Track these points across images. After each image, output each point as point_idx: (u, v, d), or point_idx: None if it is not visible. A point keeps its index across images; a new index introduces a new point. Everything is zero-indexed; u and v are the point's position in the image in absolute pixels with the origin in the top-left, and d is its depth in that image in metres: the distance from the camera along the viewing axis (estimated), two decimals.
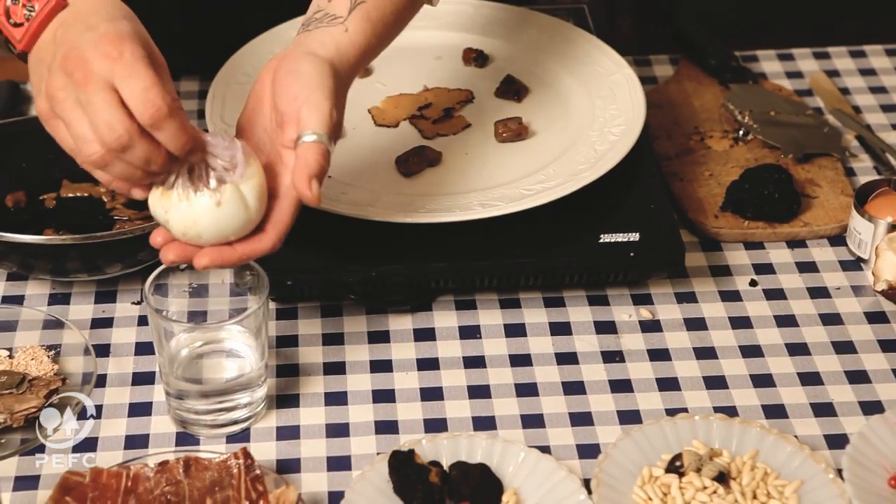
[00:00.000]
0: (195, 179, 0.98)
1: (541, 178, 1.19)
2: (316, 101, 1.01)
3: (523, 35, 1.36)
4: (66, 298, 1.18)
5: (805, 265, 1.21)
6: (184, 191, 0.97)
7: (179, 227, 0.98)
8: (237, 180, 0.98)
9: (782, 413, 1.08)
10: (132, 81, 0.93)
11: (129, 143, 0.93)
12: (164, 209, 0.98)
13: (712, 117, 1.37)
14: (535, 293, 1.18)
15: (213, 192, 0.97)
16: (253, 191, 0.99)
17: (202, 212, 0.98)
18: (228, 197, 0.98)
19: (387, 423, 1.07)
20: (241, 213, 0.99)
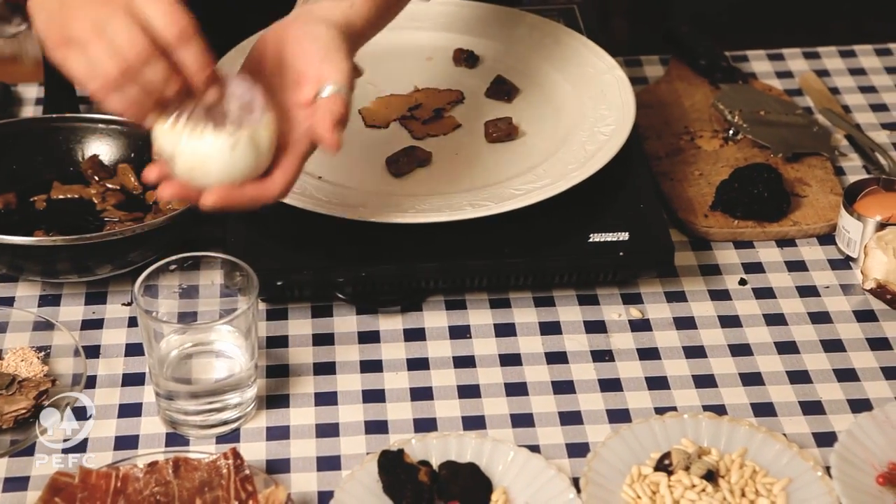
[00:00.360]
0: (213, 118, 0.95)
1: (531, 178, 1.19)
2: (335, 59, 1.02)
3: (514, 35, 1.36)
4: (56, 300, 1.18)
5: (794, 264, 1.22)
6: (197, 128, 0.95)
7: (186, 166, 0.95)
8: (255, 125, 0.96)
9: (771, 411, 1.08)
10: (155, 2, 0.92)
11: (148, 60, 0.92)
12: (171, 144, 0.95)
13: (702, 117, 1.37)
14: (525, 293, 1.19)
15: (229, 135, 0.95)
16: (266, 139, 0.97)
17: (215, 153, 0.95)
18: (244, 141, 0.96)
19: (376, 423, 1.07)
20: (252, 159, 0.97)
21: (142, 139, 1.27)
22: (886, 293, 1.15)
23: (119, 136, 1.28)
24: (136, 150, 1.27)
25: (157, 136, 0.97)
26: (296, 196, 1.16)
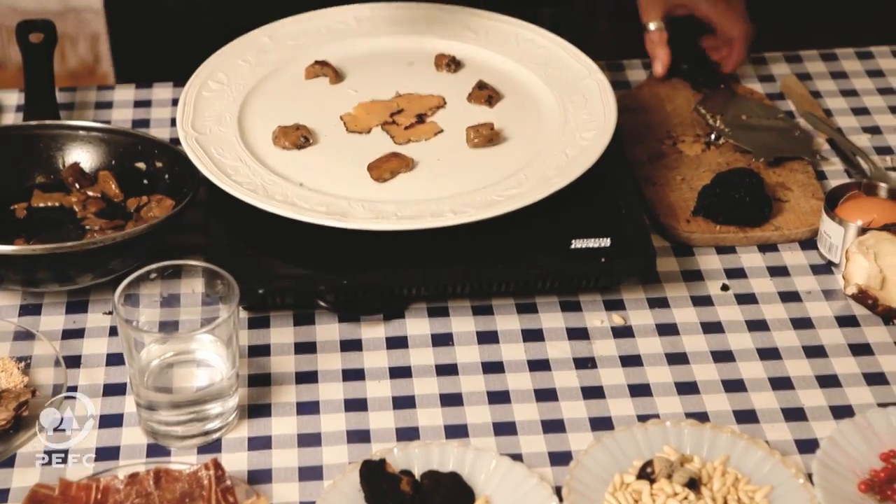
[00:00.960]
0: None
1: (512, 184, 1.19)
2: None
3: (495, 40, 1.36)
4: (36, 309, 1.17)
5: (776, 269, 1.22)
6: None
7: None
8: None
9: (753, 418, 1.08)
10: None
11: None
12: None
13: (684, 122, 1.37)
14: (507, 299, 1.18)
15: None
16: None
17: None
18: None
19: (359, 433, 1.07)
20: None
21: (122, 147, 1.27)
22: (868, 298, 1.15)
23: (100, 143, 1.27)
24: (116, 158, 1.27)
25: None
26: (277, 203, 1.15)
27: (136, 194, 1.25)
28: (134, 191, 1.25)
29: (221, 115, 1.26)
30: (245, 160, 1.21)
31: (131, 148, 1.27)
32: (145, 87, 1.45)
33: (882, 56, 1.50)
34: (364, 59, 1.35)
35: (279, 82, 1.32)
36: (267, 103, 1.29)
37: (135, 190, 1.25)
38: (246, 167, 1.20)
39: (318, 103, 1.29)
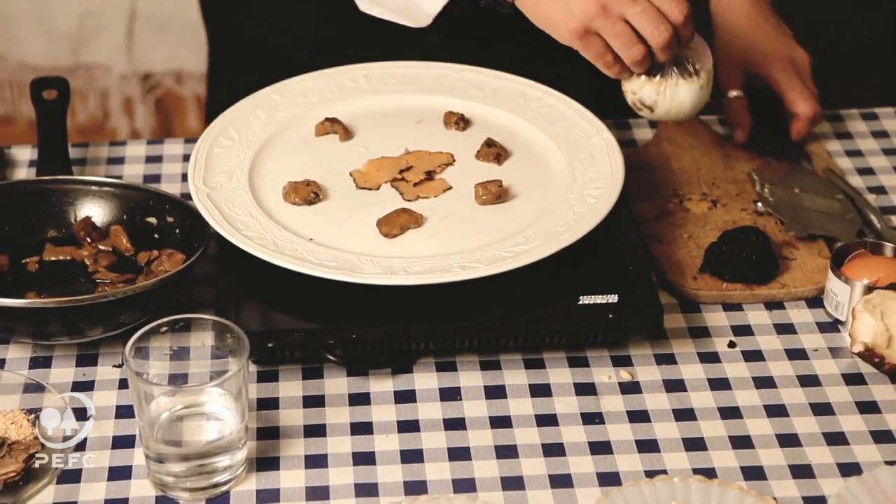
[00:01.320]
0: (681, 69, 1.23)
1: (521, 241, 1.20)
2: None
3: (503, 98, 1.38)
4: (47, 361, 1.18)
5: (783, 327, 1.22)
6: (671, 79, 1.23)
7: (664, 109, 1.24)
8: (709, 67, 1.25)
9: (761, 475, 1.08)
10: None
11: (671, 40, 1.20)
12: (652, 94, 1.24)
13: (691, 180, 1.39)
14: (515, 354, 1.19)
15: (696, 79, 1.24)
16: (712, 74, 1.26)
17: (689, 96, 1.24)
18: (705, 80, 1.25)
19: (367, 486, 1.07)
20: (709, 92, 1.26)
21: (134, 201, 1.28)
22: (874, 356, 1.15)
23: (111, 198, 1.28)
24: (128, 213, 1.28)
25: (632, 88, 1.25)
26: (287, 258, 1.16)
27: (146, 248, 1.26)
28: (145, 245, 1.26)
29: (232, 170, 1.28)
30: (255, 215, 1.22)
31: (142, 203, 1.28)
32: (157, 142, 1.47)
33: (886, 117, 1.51)
34: (373, 117, 1.37)
35: (289, 139, 1.33)
36: (277, 159, 1.31)
37: (146, 244, 1.26)
38: (256, 222, 1.22)
39: (327, 160, 1.31)
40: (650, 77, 1.24)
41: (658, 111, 1.25)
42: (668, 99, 1.24)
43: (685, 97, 1.24)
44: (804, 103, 1.41)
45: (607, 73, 1.24)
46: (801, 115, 1.40)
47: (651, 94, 1.24)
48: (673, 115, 1.25)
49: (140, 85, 2.67)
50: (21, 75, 2.64)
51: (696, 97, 1.25)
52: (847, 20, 2.61)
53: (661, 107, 1.25)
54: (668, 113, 1.25)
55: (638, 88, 1.25)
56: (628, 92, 1.26)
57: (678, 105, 1.24)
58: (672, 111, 1.25)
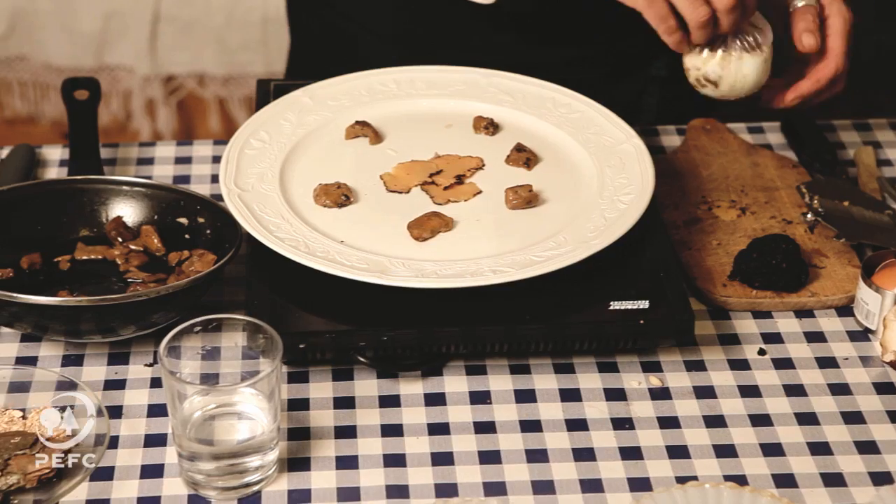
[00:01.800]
0: (744, 42, 1.26)
1: (551, 245, 1.20)
2: None
3: (533, 104, 1.38)
4: (79, 360, 1.18)
5: (813, 335, 1.22)
6: (734, 53, 1.25)
7: (728, 83, 1.26)
8: (769, 41, 1.26)
9: (792, 483, 1.08)
10: None
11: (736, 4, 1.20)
12: (716, 68, 1.26)
13: (719, 187, 1.39)
14: (545, 359, 1.19)
15: (759, 53, 1.26)
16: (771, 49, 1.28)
17: (753, 69, 1.26)
18: (767, 55, 1.26)
19: (398, 488, 1.07)
20: (770, 66, 1.27)
21: (165, 202, 1.29)
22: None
23: (143, 198, 1.29)
24: (159, 213, 1.28)
25: (699, 64, 1.27)
26: (319, 259, 1.17)
27: (177, 248, 1.26)
28: (175, 245, 1.27)
29: (264, 172, 1.28)
30: (287, 217, 1.23)
31: (174, 203, 1.28)
32: (186, 144, 1.48)
33: None
34: (403, 121, 1.37)
35: (320, 141, 1.34)
36: (308, 162, 1.31)
37: (176, 244, 1.27)
38: (288, 224, 1.22)
39: (358, 163, 1.31)
40: (713, 51, 1.25)
41: (722, 86, 1.27)
42: (734, 73, 1.25)
43: (750, 70, 1.26)
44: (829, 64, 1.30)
45: (668, 41, 1.24)
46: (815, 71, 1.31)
47: (716, 68, 1.26)
48: (737, 89, 1.27)
49: (163, 87, 2.67)
50: (45, 76, 2.66)
51: (761, 70, 1.27)
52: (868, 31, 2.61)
53: (726, 81, 1.26)
54: (732, 88, 1.27)
55: (702, 63, 1.26)
56: (691, 69, 1.27)
57: (743, 78, 1.26)
58: (737, 85, 1.26)
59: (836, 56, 1.32)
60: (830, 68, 1.31)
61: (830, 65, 1.31)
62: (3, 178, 1.36)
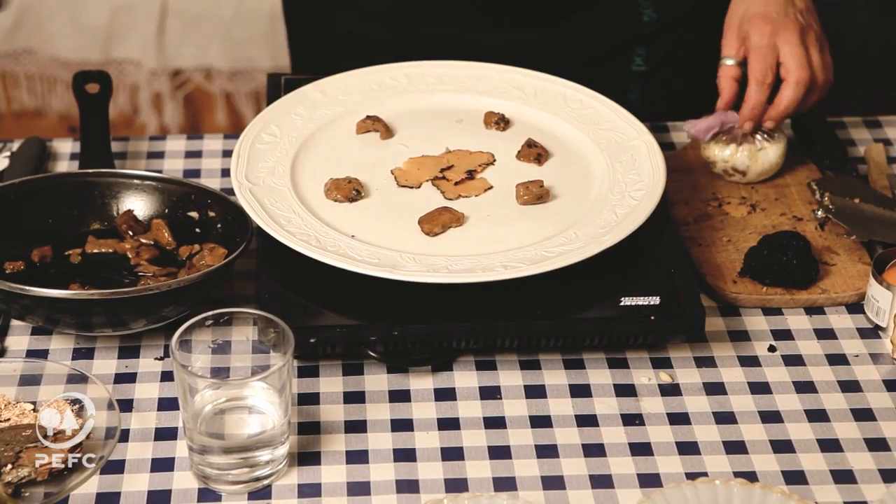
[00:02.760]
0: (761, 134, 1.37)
1: (562, 241, 1.20)
2: None
3: (544, 100, 1.38)
4: (89, 353, 1.19)
5: (823, 332, 1.22)
6: (760, 143, 1.37)
7: (757, 170, 1.37)
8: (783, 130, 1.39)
9: (802, 479, 1.08)
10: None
11: None
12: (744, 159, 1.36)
13: (729, 184, 1.39)
14: (554, 355, 1.19)
15: (778, 142, 1.38)
16: None
17: (776, 156, 1.37)
18: (784, 141, 1.38)
19: (408, 483, 1.07)
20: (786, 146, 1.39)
21: (176, 196, 1.29)
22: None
23: (153, 191, 1.29)
24: (170, 207, 1.28)
25: (727, 157, 1.37)
26: (329, 254, 1.17)
27: (187, 242, 1.26)
28: (186, 239, 1.27)
29: (275, 167, 1.28)
30: (297, 211, 1.23)
31: (184, 197, 1.29)
32: (196, 138, 1.48)
33: None
34: (414, 116, 1.37)
35: (331, 136, 1.34)
36: (319, 156, 1.31)
37: (187, 238, 1.27)
38: (299, 218, 1.22)
39: (368, 157, 1.31)
40: (739, 145, 1.36)
41: (750, 174, 1.37)
42: (761, 163, 1.36)
43: (774, 156, 1.37)
44: (796, 63, 1.34)
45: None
46: (788, 77, 1.34)
47: (744, 160, 1.36)
48: (763, 174, 1.38)
49: (169, 81, 2.67)
50: (52, 70, 2.66)
51: (783, 154, 1.38)
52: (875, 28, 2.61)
53: (754, 171, 1.37)
54: (759, 175, 1.37)
55: (730, 157, 1.37)
56: (718, 161, 1.37)
57: (769, 166, 1.37)
58: (763, 172, 1.37)
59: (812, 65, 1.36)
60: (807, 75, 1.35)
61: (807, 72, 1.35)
62: (15, 172, 1.36)
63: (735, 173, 1.37)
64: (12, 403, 1.12)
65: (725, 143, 1.37)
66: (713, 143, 1.37)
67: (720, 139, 1.37)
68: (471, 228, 1.23)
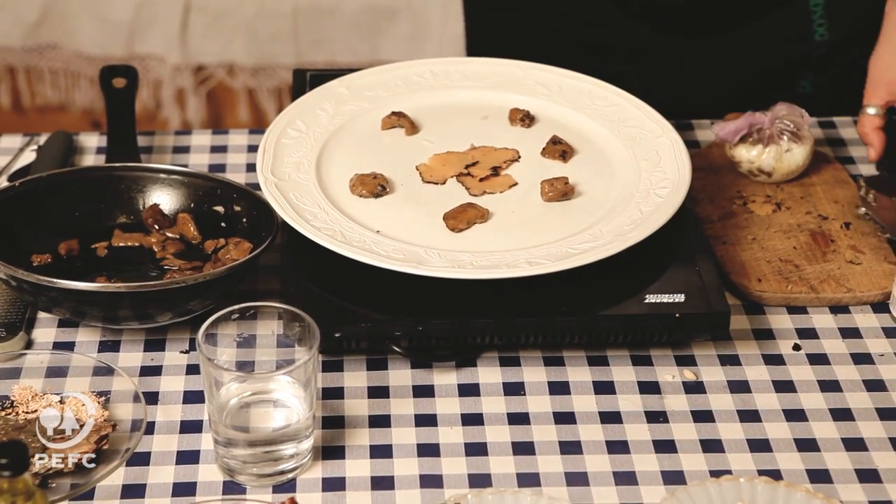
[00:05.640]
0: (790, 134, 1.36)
1: (587, 238, 1.20)
2: None
3: (569, 97, 1.38)
4: (115, 346, 1.19)
5: (848, 331, 1.22)
6: (783, 145, 1.36)
7: (783, 172, 1.36)
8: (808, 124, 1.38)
9: (827, 478, 1.08)
10: None
11: None
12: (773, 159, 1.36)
13: (754, 182, 1.38)
14: (578, 351, 1.19)
15: (804, 144, 1.36)
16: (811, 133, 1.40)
17: (801, 157, 1.36)
18: (810, 143, 1.37)
19: (432, 478, 1.08)
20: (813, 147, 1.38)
21: (202, 190, 1.29)
22: None
23: (180, 186, 1.29)
24: (195, 201, 1.29)
25: (753, 158, 1.36)
26: (355, 249, 1.17)
27: (213, 237, 1.27)
28: (211, 233, 1.27)
29: (300, 162, 1.29)
30: (323, 206, 1.23)
31: (210, 191, 1.29)
32: (222, 132, 1.48)
33: None
34: (439, 112, 1.38)
35: (356, 132, 1.34)
36: (344, 152, 1.31)
37: (212, 232, 1.27)
38: (324, 213, 1.22)
39: (394, 153, 1.32)
40: (765, 146, 1.36)
41: (776, 175, 1.37)
42: (786, 164, 1.36)
43: (800, 158, 1.36)
44: None
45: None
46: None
47: (770, 161, 1.36)
48: (789, 175, 1.37)
49: (192, 77, 2.68)
50: (76, 65, 2.67)
51: (808, 155, 1.37)
52: None
53: (780, 172, 1.36)
54: (785, 176, 1.37)
55: (756, 158, 1.36)
56: (744, 162, 1.37)
57: (795, 167, 1.36)
58: (789, 173, 1.37)
59: None
60: None
61: None
62: (42, 165, 1.37)
63: (760, 174, 1.37)
64: (39, 395, 1.12)
65: (752, 144, 1.36)
66: (740, 144, 1.37)
67: (747, 139, 1.37)
68: (495, 225, 1.23)
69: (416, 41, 2.63)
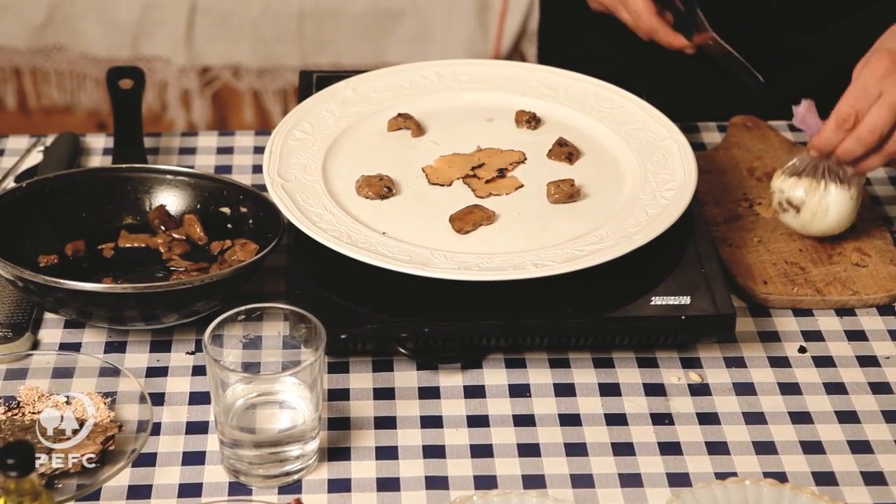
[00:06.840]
0: (833, 175, 1.21)
1: (593, 240, 1.20)
2: None
3: (575, 99, 1.38)
4: (121, 347, 1.19)
5: (854, 333, 1.22)
6: (822, 182, 1.22)
7: (811, 209, 1.23)
8: (860, 181, 1.23)
9: (832, 480, 1.08)
10: None
11: None
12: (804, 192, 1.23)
13: (760, 184, 1.38)
14: (583, 353, 1.19)
15: (848, 189, 1.22)
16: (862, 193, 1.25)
17: (838, 204, 1.23)
18: (856, 195, 1.23)
19: (437, 479, 1.08)
20: (855, 209, 1.24)
21: (208, 191, 1.29)
22: None
23: (186, 187, 1.30)
24: (202, 202, 1.29)
25: (785, 187, 1.25)
26: (361, 250, 1.17)
27: (219, 238, 1.27)
28: (218, 234, 1.27)
29: (306, 163, 1.29)
30: (329, 208, 1.23)
31: (217, 193, 1.29)
32: (228, 134, 1.48)
33: None
34: (445, 114, 1.38)
35: (362, 133, 1.34)
36: (350, 153, 1.31)
37: (218, 234, 1.27)
38: (330, 215, 1.23)
39: (400, 155, 1.32)
40: (802, 177, 1.24)
41: (804, 213, 1.25)
42: (817, 201, 1.23)
43: (833, 201, 1.23)
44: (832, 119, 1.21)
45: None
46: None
47: (800, 193, 1.24)
48: (818, 219, 1.24)
49: (198, 78, 2.69)
50: (81, 66, 2.67)
51: (845, 206, 1.24)
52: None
53: (808, 208, 1.24)
54: (813, 216, 1.24)
55: (788, 187, 1.25)
56: (776, 191, 1.26)
57: (825, 208, 1.24)
58: (818, 215, 1.24)
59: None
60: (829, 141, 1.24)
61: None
62: (49, 166, 1.37)
63: (789, 208, 1.25)
64: (45, 395, 1.13)
65: (789, 174, 1.26)
66: (779, 171, 1.27)
67: (789, 168, 1.26)
68: (502, 226, 1.23)
69: (421, 43, 2.64)
